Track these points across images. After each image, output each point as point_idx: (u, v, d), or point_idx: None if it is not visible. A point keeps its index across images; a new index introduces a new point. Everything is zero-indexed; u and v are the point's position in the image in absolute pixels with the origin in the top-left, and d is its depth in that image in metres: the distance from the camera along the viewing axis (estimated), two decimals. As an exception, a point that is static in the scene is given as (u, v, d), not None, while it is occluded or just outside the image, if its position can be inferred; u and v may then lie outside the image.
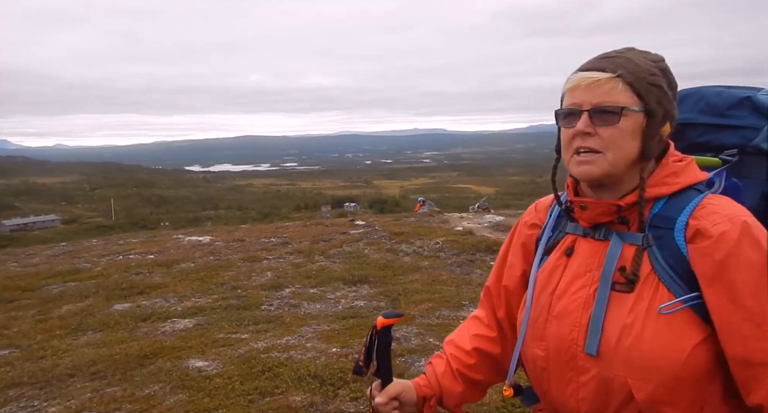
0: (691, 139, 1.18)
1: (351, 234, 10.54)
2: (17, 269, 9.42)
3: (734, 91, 1.15)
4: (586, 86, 0.96)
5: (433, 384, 1.21)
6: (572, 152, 0.99)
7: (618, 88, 0.94)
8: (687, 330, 0.90)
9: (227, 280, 7.14)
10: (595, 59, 0.99)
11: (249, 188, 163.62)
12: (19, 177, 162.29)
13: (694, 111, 1.17)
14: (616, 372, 0.93)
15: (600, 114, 0.95)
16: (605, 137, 0.95)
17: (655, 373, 0.90)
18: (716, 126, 1.14)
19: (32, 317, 5.87)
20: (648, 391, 0.91)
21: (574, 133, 0.97)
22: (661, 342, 0.90)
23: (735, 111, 1.13)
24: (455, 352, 1.23)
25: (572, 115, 0.98)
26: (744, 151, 1.10)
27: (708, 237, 0.90)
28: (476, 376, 1.21)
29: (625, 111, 0.94)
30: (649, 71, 0.97)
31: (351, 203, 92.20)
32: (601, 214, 0.99)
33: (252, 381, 3.53)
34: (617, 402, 0.94)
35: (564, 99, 1.01)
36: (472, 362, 1.21)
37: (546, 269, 1.08)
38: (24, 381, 3.87)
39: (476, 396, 1.25)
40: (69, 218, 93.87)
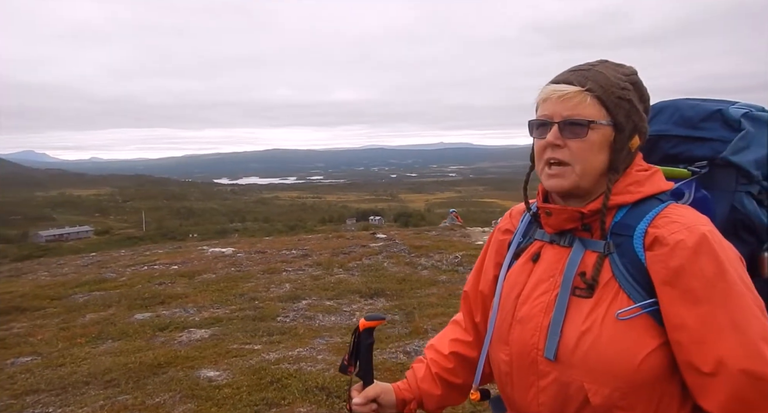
0: (664, 150, 1.18)
1: (371, 247, 10.56)
2: (47, 279, 9.73)
3: (708, 105, 1.16)
4: (556, 99, 0.98)
5: (413, 387, 1.22)
6: (543, 163, 1.01)
7: (586, 101, 0.96)
8: (644, 336, 0.90)
9: (246, 291, 7.21)
10: (567, 72, 1.01)
11: (275, 200, 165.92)
12: (56, 189, 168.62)
13: (669, 123, 1.18)
14: (573, 376, 0.93)
15: (569, 126, 0.96)
16: (574, 149, 0.97)
17: (610, 377, 0.90)
18: (689, 138, 1.15)
19: (56, 325, 6.04)
20: (603, 395, 0.91)
21: (545, 144, 0.99)
22: (617, 347, 0.90)
23: (706, 124, 1.13)
24: (434, 356, 1.25)
25: (543, 126, 1.00)
26: (713, 163, 1.10)
27: (665, 245, 0.91)
28: (455, 380, 1.22)
29: (593, 124, 0.96)
30: (618, 85, 0.98)
31: (376, 217, 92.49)
32: (565, 221, 1.00)
33: (260, 391, 3.54)
34: (575, 407, 0.94)
35: (537, 110, 1.03)
36: (451, 366, 1.22)
37: (513, 274, 1.09)
38: (41, 387, 3.96)
39: (456, 399, 1.25)
40: (102, 229, 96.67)
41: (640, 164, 1.03)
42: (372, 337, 1.20)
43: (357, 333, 1.20)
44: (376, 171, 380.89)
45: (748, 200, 1.09)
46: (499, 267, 1.16)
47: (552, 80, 1.01)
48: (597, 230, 0.99)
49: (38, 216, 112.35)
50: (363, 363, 1.19)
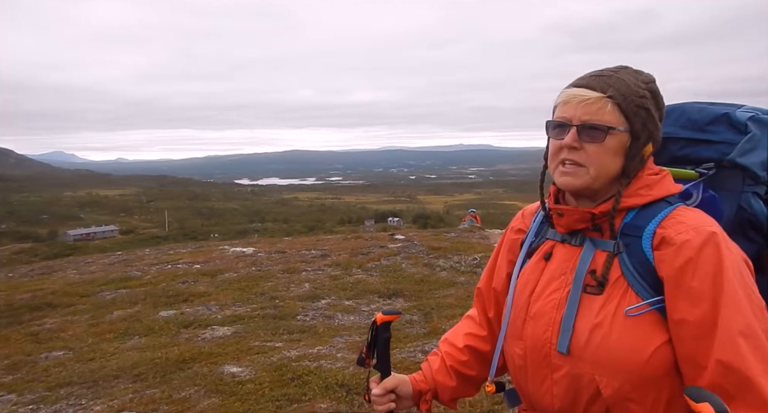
0: (672, 152, 1.22)
1: (389, 248, 10.62)
2: (76, 276, 10.04)
3: (715, 108, 1.19)
4: (577, 103, 1.01)
5: (428, 379, 1.27)
6: (558, 162, 1.04)
7: (607, 108, 0.99)
8: (652, 331, 0.95)
9: (267, 290, 7.35)
10: (588, 77, 1.04)
11: (295, 201, 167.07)
12: (84, 189, 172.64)
13: (676, 126, 1.21)
14: (585, 369, 0.98)
15: (587, 130, 1.00)
16: (590, 152, 1.00)
17: (620, 370, 0.94)
18: (696, 140, 1.18)
19: (86, 321, 6.25)
20: (614, 387, 0.95)
21: (561, 145, 1.03)
22: (627, 342, 0.94)
23: (713, 126, 1.16)
24: (449, 349, 1.30)
25: (561, 127, 1.03)
26: (720, 164, 1.13)
27: (672, 245, 0.95)
28: (469, 372, 1.27)
29: (612, 131, 0.99)
30: (638, 93, 1.01)
31: (394, 218, 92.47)
32: (577, 221, 1.05)
33: (282, 387, 3.65)
34: (586, 398, 0.99)
35: (555, 111, 1.07)
36: (465, 358, 1.27)
37: (526, 272, 1.14)
38: (74, 380, 4.13)
39: (470, 391, 1.30)
40: (126, 228, 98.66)
41: (652, 168, 1.06)
42: (389, 331, 1.25)
43: (374, 327, 1.25)
44: (395, 172, 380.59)
45: (755, 201, 1.12)
46: (511, 265, 1.21)
47: (573, 84, 1.04)
48: (607, 231, 1.03)
49: (67, 216, 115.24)
50: (380, 355, 1.24)
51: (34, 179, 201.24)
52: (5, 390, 4.05)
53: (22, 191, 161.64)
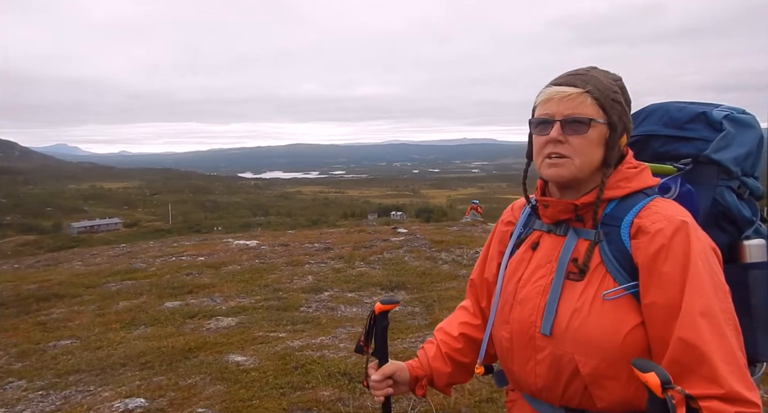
0: (654, 149, 1.30)
1: (392, 241, 10.68)
2: (82, 268, 10.15)
3: (694, 107, 1.28)
4: (559, 99, 1.08)
5: (424, 365, 1.34)
6: (543, 156, 1.11)
7: (587, 102, 1.07)
8: (627, 314, 1.02)
9: (270, 282, 7.43)
10: (566, 76, 1.12)
11: (298, 195, 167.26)
12: (88, 182, 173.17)
13: (658, 124, 1.30)
14: (565, 349, 1.05)
15: (571, 124, 1.07)
16: (574, 144, 1.07)
17: (597, 350, 1.02)
18: (675, 138, 1.27)
19: (92, 311, 6.35)
20: (591, 366, 1.02)
21: (546, 140, 1.10)
22: (604, 323, 1.02)
23: (692, 125, 1.25)
24: (444, 338, 1.36)
25: (545, 124, 1.10)
26: (697, 160, 1.21)
27: (647, 233, 1.03)
28: (463, 359, 1.34)
29: (593, 122, 1.07)
30: (611, 89, 1.09)
31: (397, 212, 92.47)
32: (561, 212, 1.12)
33: (285, 376, 3.72)
34: (567, 377, 1.06)
35: (536, 110, 1.13)
36: (459, 346, 1.34)
37: (514, 261, 1.21)
38: (82, 368, 4.22)
39: (464, 377, 1.37)
40: (130, 221, 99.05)
41: (630, 161, 1.13)
42: (387, 320, 1.31)
43: (373, 315, 1.30)
44: (399, 166, 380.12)
45: (729, 194, 1.19)
46: (502, 256, 1.27)
47: (552, 83, 1.11)
48: (589, 221, 1.10)
49: (71, 208, 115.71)
50: (379, 343, 1.30)
51: (39, 171, 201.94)
52: (15, 377, 4.15)
53: (26, 183, 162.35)
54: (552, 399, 1.10)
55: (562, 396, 1.08)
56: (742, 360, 0.95)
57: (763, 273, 1.16)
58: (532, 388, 1.13)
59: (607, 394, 1.03)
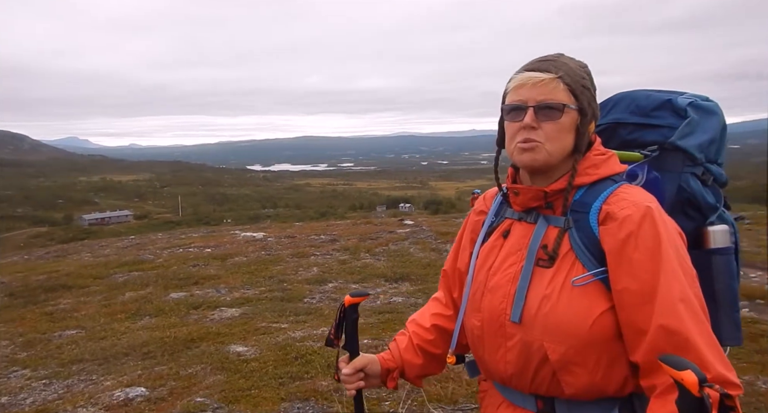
0: (622, 137, 1.29)
1: (398, 233, 10.68)
2: (90, 259, 10.26)
3: (660, 95, 1.27)
4: (532, 85, 1.06)
5: (396, 357, 1.32)
6: (516, 143, 1.09)
7: (559, 87, 1.06)
8: (596, 300, 1.01)
9: (275, 274, 7.46)
10: (537, 61, 1.10)
11: (307, 187, 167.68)
12: (98, 175, 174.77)
13: (626, 112, 1.29)
14: (535, 336, 1.04)
15: (544, 110, 1.05)
16: (547, 130, 1.06)
17: (566, 337, 1.01)
18: (642, 125, 1.26)
19: (99, 302, 6.41)
20: (560, 352, 1.02)
21: (519, 126, 1.08)
22: (573, 310, 1.01)
23: (658, 112, 1.24)
24: (416, 329, 1.35)
25: (518, 110, 1.08)
26: (663, 147, 1.20)
27: (615, 219, 1.01)
28: (435, 350, 1.32)
29: (566, 108, 1.06)
30: (581, 75, 1.08)
31: (406, 204, 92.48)
32: (531, 199, 1.11)
33: (285, 366, 3.73)
34: (536, 364, 1.05)
35: (508, 96, 1.11)
36: (431, 337, 1.32)
37: (485, 249, 1.20)
38: (86, 357, 4.27)
39: (435, 368, 1.35)
40: (140, 213, 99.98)
41: (598, 148, 1.12)
42: (357, 313, 1.29)
43: (343, 308, 1.28)
44: (407, 158, 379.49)
45: (694, 181, 1.19)
46: (474, 245, 1.26)
47: (524, 68, 1.09)
48: (559, 208, 1.09)
49: (82, 200, 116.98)
50: (349, 336, 1.28)
51: (49, 164, 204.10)
52: (20, 366, 4.20)
53: (37, 176, 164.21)
54: (521, 387, 1.10)
55: (531, 383, 1.07)
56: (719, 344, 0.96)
57: (726, 259, 1.15)
58: (502, 376, 1.13)
59: (575, 380, 1.03)
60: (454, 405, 3.15)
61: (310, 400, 3.22)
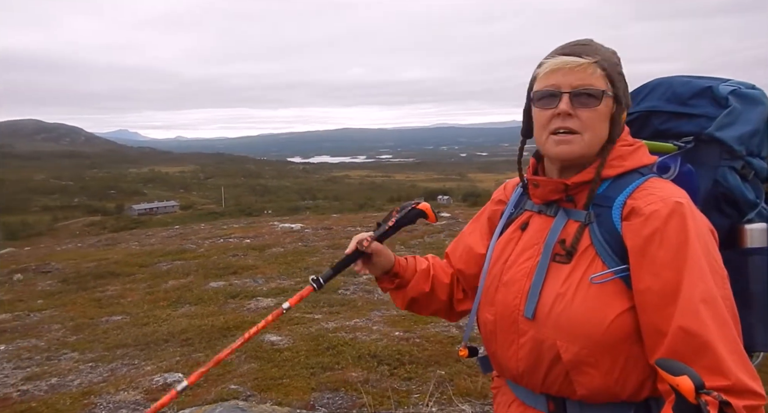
0: (654, 126, 1.21)
1: (433, 226, 10.62)
2: (137, 248, 10.70)
3: (700, 82, 1.18)
4: (569, 70, 1.00)
5: (410, 269, 1.28)
6: (548, 132, 1.03)
7: (597, 73, 1.00)
8: (615, 299, 0.96)
9: (311, 265, 7.56)
10: (571, 45, 1.03)
11: (345, 179, 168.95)
12: (147, 166, 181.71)
13: (661, 100, 1.20)
14: (547, 334, 1.00)
15: (581, 97, 1.00)
16: (584, 118, 1.00)
17: (580, 336, 0.96)
18: (678, 114, 1.18)
19: (143, 289, 6.69)
20: (573, 352, 0.97)
21: (553, 114, 1.02)
22: (588, 308, 0.96)
23: (696, 100, 1.16)
24: (437, 264, 1.32)
25: (551, 97, 1.02)
26: (699, 138, 1.12)
27: (641, 215, 0.95)
28: (440, 294, 1.28)
29: (605, 95, 1.00)
30: (615, 61, 1.03)
31: (444, 196, 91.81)
32: (551, 191, 1.06)
33: (317, 356, 3.79)
34: (548, 362, 1.01)
35: (538, 82, 1.05)
36: (446, 281, 1.29)
37: (502, 242, 1.16)
38: (129, 343, 4.46)
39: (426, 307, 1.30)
40: (186, 204, 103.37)
41: (625, 139, 1.06)
42: (415, 220, 1.31)
43: (413, 208, 1.29)
44: (446, 150, 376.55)
45: (731, 175, 1.10)
46: (488, 234, 1.23)
47: (558, 53, 1.03)
48: (581, 201, 1.04)
49: (132, 191, 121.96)
50: (393, 228, 1.29)
51: (103, 155, 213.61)
52: (69, 349, 4.44)
53: (92, 167, 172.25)
54: (533, 385, 1.06)
55: (542, 382, 1.04)
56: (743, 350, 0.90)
57: (763, 259, 1.08)
58: (513, 373, 1.09)
59: (588, 381, 0.98)
60: (484, 400, 3.12)
61: (340, 391, 3.26)
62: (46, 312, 5.82)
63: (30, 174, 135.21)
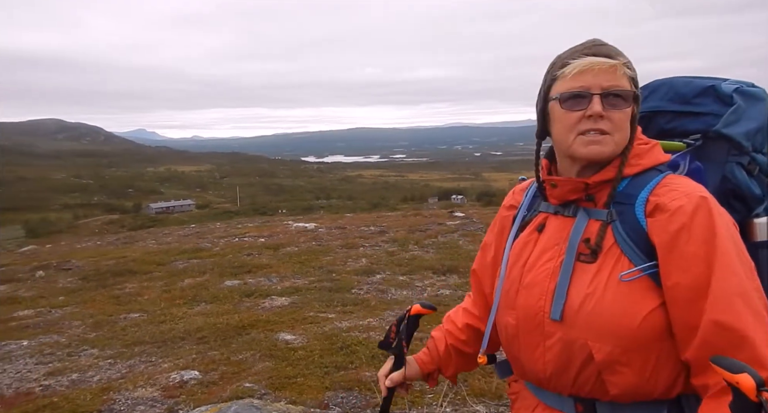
0: (660, 126, 1.23)
1: (447, 225, 10.59)
2: (155, 246, 10.85)
3: (701, 81, 1.21)
4: (599, 70, 1.00)
5: (434, 358, 1.33)
6: (577, 133, 1.02)
7: (625, 74, 1.01)
8: (644, 296, 0.96)
9: (325, 264, 7.60)
10: (596, 46, 1.03)
11: (359, 178, 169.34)
12: (164, 165, 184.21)
13: (664, 100, 1.23)
14: (578, 335, 0.99)
15: (611, 98, 1.00)
16: (615, 119, 1.00)
17: (612, 335, 0.96)
18: (683, 113, 1.20)
19: (160, 287, 6.79)
20: (606, 352, 0.97)
21: (583, 115, 1.01)
22: (620, 307, 0.96)
23: (700, 99, 1.19)
24: (450, 328, 1.34)
25: (580, 98, 1.01)
26: (706, 136, 1.15)
27: (666, 211, 0.96)
28: (468, 349, 1.32)
29: (634, 96, 1.02)
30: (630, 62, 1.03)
31: (458, 196, 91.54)
32: (570, 191, 1.06)
33: (331, 355, 3.81)
34: (579, 363, 1.00)
35: (562, 82, 1.04)
36: (464, 337, 1.31)
37: (519, 245, 1.15)
38: (146, 340, 4.54)
39: (469, 366, 1.35)
40: (202, 203, 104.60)
41: (641, 137, 1.07)
42: (418, 324, 1.30)
43: (407, 315, 1.29)
44: (460, 150, 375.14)
45: (739, 171, 1.12)
46: (504, 241, 1.22)
47: (582, 53, 1.02)
48: (601, 200, 1.04)
49: (149, 190, 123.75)
50: (402, 343, 1.28)
51: (121, 155, 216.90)
52: (89, 345, 4.53)
53: (111, 166, 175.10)
54: (561, 388, 1.05)
55: (573, 384, 1.03)
56: None
57: None
58: (539, 376, 1.08)
59: (621, 380, 0.98)
60: (498, 401, 3.12)
61: (354, 390, 3.28)
62: (66, 308, 5.94)
63: (51, 173, 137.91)
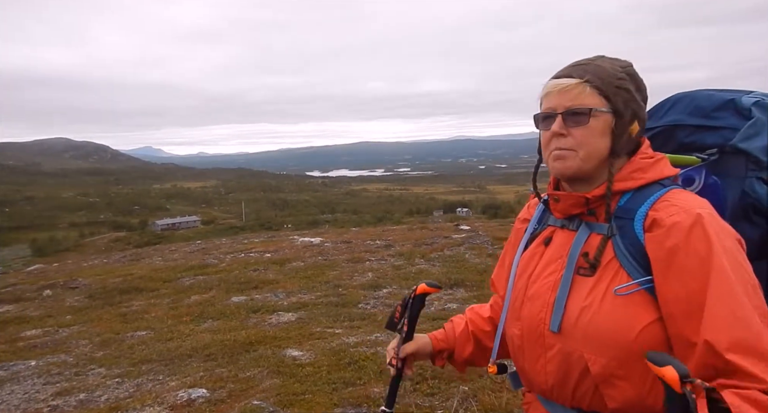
0: (679, 139, 1.23)
1: (453, 238, 10.57)
2: (161, 263, 10.87)
3: (723, 94, 1.20)
4: (558, 92, 1.05)
5: (450, 338, 1.34)
6: (549, 151, 1.07)
7: (586, 91, 1.03)
8: (641, 310, 0.96)
9: (331, 279, 7.58)
10: (568, 67, 1.07)
11: (364, 192, 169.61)
12: (170, 182, 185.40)
13: (684, 113, 1.23)
14: (575, 346, 1.01)
15: (571, 116, 1.03)
16: (577, 136, 1.03)
17: (607, 348, 0.97)
18: (702, 127, 1.19)
19: (167, 304, 6.78)
20: (601, 364, 0.97)
21: (551, 134, 1.06)
22: (615, 320, 0.96)
23: (719, 113, 1.18)
24: (474, 317, 1.36)
25: (548, 118, 1.07)
26: (723, 150, 1.14)
27: (662, 226, 0.96)
28: (485, 342, 1.32)
29: (594, 111, 1.02)
30: (616, 76, 1.04)
31: (463, 209, 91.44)
32: (572, 206, 1.08)
33: (339, 371, 3.78)
34: (576, 375, 1.01)
35: (541, 105, 1.10)
36: (488, 329, 1.33)
37: (526, 257, 1.18)
38: (154, 358, 4.52)
39: (482, 361, 1.35)
40: (207, 219, 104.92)
41: (645, 152, 1.07)
42: (424, 302, 1.33)
43: (413, 295, 1.33)
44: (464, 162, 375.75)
45: (759, 185, 1.11)
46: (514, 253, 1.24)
47: (553, 76, 1.08)
48: (602, 214, 1.05)
49: (155, 206, 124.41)
50: (410, 322, 1.32)
51: (127, 172, 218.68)
52: (97, 364, 4.51)
53: (117, 183, 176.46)
54: (563, 400, 1.07)
55: (572, 396, 1.04)
56: None
57: None
58: (542, 387, 1.10)
59: (618, 394, 0.98)
60: (509, 417, 3.08)
61: (362, 406, 3.25)
62: (74, 327, 5.94)
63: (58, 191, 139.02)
